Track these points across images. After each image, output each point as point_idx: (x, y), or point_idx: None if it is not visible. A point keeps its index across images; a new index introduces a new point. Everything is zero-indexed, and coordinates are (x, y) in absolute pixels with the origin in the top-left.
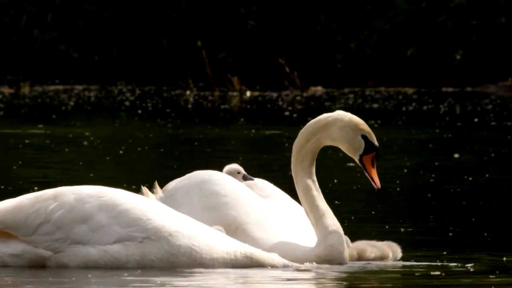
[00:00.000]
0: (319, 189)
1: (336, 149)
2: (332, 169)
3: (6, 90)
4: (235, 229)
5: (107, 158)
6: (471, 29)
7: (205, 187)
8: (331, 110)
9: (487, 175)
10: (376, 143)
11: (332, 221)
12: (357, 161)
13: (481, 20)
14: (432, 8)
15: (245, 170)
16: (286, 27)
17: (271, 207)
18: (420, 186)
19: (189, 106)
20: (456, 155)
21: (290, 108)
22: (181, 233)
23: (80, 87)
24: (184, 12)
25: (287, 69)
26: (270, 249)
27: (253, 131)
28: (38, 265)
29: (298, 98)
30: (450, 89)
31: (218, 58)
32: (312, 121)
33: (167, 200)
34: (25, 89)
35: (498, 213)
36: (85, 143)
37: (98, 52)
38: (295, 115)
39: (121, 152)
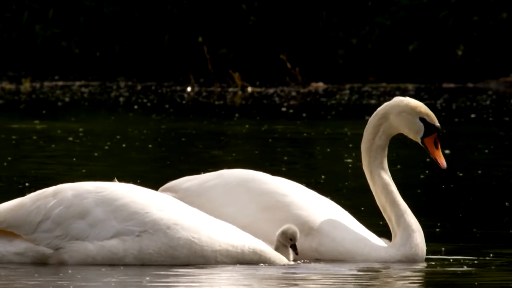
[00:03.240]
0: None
1: (327, 145)
2: (326, 165)
3: (7, 86)
4: (309, 229)
5: (101, 153)
6: (472, 24)
7: (255, 186)
8: (327, 105)
9: (479, 171)
10: (437, 123)
11: (414, 219)
12: (420, 144)
13: (482, 15)
14: (434, 3)
15: (238, 166)
16: (288, 23)
17: (328, 204)
18: (411, 182)
19: (188, 102)
20: (447, 151)
21: (285, 104)
22: (180, 226)
23: (80, 83)
24: (185, 8)
25: (289, 65)
26: (351, 249)
27: (247, 126)
28: (41, 263)
29: (294, 94)
30: (451, 85)
31: (220, 54)
32: (372, 115)
33: (196, 201)
34: (26, 85)
35: (487, 209)
36: (79, 139)
37: (100, 48)
38: (291, 110)
39: (115, 147)
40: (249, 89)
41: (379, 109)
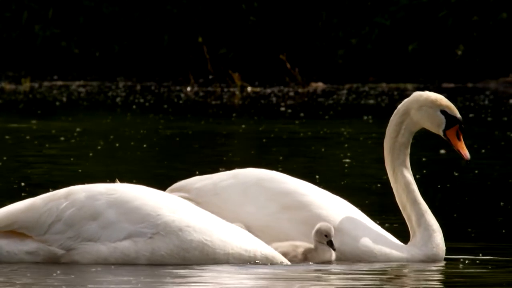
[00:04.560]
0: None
1: (323, 145)
2: (322, 165)
3: (7, 86)
4: None
5: (98, 153)
6: (472, 24)
7: (273, 186)
8: (326, 105)
9: (476, 171)
10: (458, 115)
11: (434, 220)
12: (443, 136)
13: (482, 15)
14: (433, 3)
15: (234, 166)
16: (287, 23)
17: (345, 204)
18: None
19: (187, 102)
20: (443, 151)
21: (284, 103)
22: (192, 228)
23: (79, 83)
24: (185, 8)
25: (288, 65)
26: (374, 248)
27: (243, 126)
28: (52, 262)
29: (293, 94)
30: (451, 85)
31: (219, 54)
32: (393, 113)
33: (212, 200)
34: (26, 85)
35: (482, 209)
36: (74, 139)
37: (99, 48)
38: (289, 110)
39: (111, 147)
40: (249, 89)
41: (399, 106)
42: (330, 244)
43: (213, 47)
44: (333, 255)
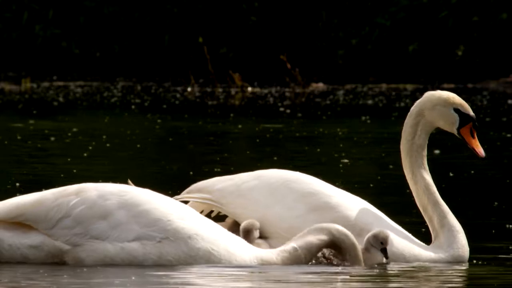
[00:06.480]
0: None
1: (319, 145)
2: (317, 165)
3: (7, 87)
4: (360, 230)
5: (96, 153)
6: (472, 25)
7: (300, 187)
8: (324, 106)
9: (472, 171)
10: (471, 113)
11: (456, 221)
12: (457, 135)
13: (482, 16)
14: (434, 4)
15: (230, 166)
16: (288, 23)
17: (368, 205)
18: (402, 183)
19: (187, 102)
20: (437, 151)
21: (283, 104)
22: (200, 236)
23: (79, 83)
24: (185, 8)
25: (289, 66)
26: (404, 250)
27: (239, 126)
28: (56, 259)
29: (293, 94)
30: (451, 86)
31: (220, 54)
32: (407, 115)
33: (236, 201)
34: (26, 86)
35: (476, 209)
36: (69, 138)
37: (99, 49)
38: (288, 110)
39: (109, 147)
40: (249, 89)
41: (412, 108)
42: (384, 251)
43: (213, 47)
44: (383, 259)
